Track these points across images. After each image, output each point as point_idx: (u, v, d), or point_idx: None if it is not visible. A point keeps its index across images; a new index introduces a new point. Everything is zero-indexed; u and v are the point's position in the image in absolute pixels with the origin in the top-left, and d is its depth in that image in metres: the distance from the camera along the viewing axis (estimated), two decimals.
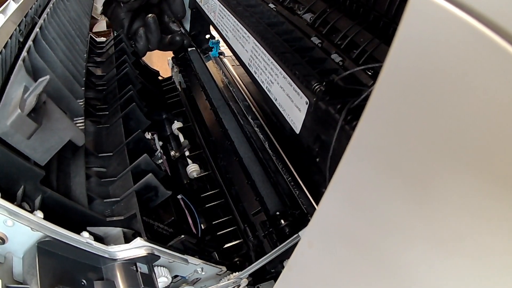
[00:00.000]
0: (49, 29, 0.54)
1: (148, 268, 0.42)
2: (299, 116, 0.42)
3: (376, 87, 0.20)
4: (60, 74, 0.49)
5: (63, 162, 0.47)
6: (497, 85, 0.16)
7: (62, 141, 0.38)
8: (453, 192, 0.19)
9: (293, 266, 0.34)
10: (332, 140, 0.35)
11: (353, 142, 0.23)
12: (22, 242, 0.35)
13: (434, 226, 0.21)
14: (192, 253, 0.50)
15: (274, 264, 0.53)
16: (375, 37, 0.42)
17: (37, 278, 0.32)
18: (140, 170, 0.53)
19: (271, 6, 0.56)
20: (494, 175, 0.17)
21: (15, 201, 0.35)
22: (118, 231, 0.45)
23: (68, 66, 0.53)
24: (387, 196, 0.23)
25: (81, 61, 0.62)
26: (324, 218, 0.28)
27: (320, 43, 0.46)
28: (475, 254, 0.20)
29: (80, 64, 0.61)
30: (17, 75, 0.35)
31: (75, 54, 0.61)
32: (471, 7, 0.15)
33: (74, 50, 0.62)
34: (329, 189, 0.26)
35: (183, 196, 0.60)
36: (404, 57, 0.18)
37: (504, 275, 0.19)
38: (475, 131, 0.17)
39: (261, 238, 0.59)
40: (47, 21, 0.55)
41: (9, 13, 0.45)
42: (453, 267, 0.21)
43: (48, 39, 0.51)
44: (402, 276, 0.25)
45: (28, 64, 0.39)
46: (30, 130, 0.32)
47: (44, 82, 0.32)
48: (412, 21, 0.17)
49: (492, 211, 0.18)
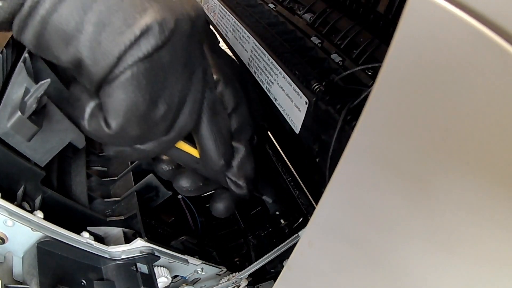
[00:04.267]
0: None
1: (148, 268, 0.42)
2: (299, 116, 0.42)
3: (375, 86, 0.20)
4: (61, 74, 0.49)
5: (64, 161, 0.47)
6: (496, 85, 0.16)
7: (62, 142, 0.38)
8: (452, 191, 0.19)
9: (293, 265, 0.34)
10: (332, 140, 0.35)
11: (352, 141, 0.23)
12: (22, 242, 0.35)
13: (433, 225, 0.21)
14: (192, 253, 0.50)
15: (274, 264, 0.53)
16: (375, 37, 0.42)
17: (37, 278, 0.32)
18: (141, 170, 0.53)
19: (271, 6, 0.56)
20: (494, 174, 0.17)
21: (15, 201, 0.35)
22: (119, 231, 0.45)
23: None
24: (387, 195, 0.23)
25: None
26: (324, 217, 0.28)
27: (320, 43, 0.46)
28: (474, 253, 0.20)
29: None
30: (18, 76, 0.35)
31: None
32: (471, 7, 0.15)
33: None
34: (329, 189, 0.26)
35: (183, 196, 0.60)
36: (403, 57, 0.18)
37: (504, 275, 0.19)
38: (474, 131, 0.17)
39: (261, 238, 0.59)
40: None
41: None
42: (453, 267, 0.21)
43: None
44: (402, 275, 0.25)
45: (29, 65, 0.39)
46: (31, 132, 0.32)
47: (46, 84, 0.32)
48: (411, 20, 0.17)
49: (492, 210, 0.18)
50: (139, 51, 0.28)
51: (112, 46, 0.27)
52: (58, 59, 0.30)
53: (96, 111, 0.32)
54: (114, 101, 0.30)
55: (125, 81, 0.28)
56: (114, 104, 0.30)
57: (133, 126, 0.31)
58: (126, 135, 0.32)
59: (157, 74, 0.30)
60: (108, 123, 0.31)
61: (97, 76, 0.29)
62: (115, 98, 0.29)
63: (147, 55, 0.28)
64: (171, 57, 0.30)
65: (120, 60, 0.28)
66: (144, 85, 0.29)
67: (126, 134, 0.32)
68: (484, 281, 0.20)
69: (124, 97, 0.29)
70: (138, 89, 0.29)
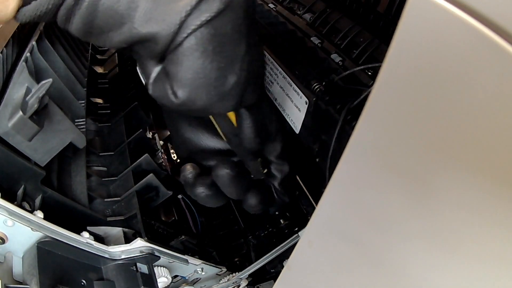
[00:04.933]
0: (52, 28, 0.54)
1: (148, 268, 0.42)
2: (299, 116, 0.42)
3: (375, 86, 0.20)
4: (62, 74, 0.49)
5: (64, 161, 0.47)
6: (496, 85, 0.16)
7: (63, 142, 0.39)
8: (452, 191, 0.19)
9: (293, 265, 0.34)
10: (332, 140, 0.35)
11: (352, 141, 0.23)
12: (22, 242, 0.35)
13: (433, 225, 0.21)
14: (192, 253, 0.50)
15: (274, 264, 0.53)
16: (375, 37, 0.42)
17: (37, 278, 0.32)
18: (141, 170, 0.53)
19: (270, 6, 0.56)
20: (494, 174, 0.17)
21: (15, 201, 0.35)
22: (119, 231, 0.45)
23: (70, 65, 0.53)
24: (387, 195, 0.23)
25: (84, 60, 0.62)
26: (324, 217, 0.28)
27: (320, 43, 0.46)
28: (475, 252, 0.20)
29: (83, 63, 0.61)
30: (19, 76, 0.35)
31: (78, 53, 0.61)
32: (471, 7, 0.15)
33: (77, 49, 0.62)
34: (329, 189, 0.26)
35: (184, 196, 0.60)
36: (403, 57, 0.18)
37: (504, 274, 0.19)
38: (474, 131, 0.17)
39: (261, 238, 0.60)
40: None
41: None
42: (453, 266, 0.21)
43: (51, 38, 0.51)
44: (402, 274, 0.25)
45: (30, 64, 0.39)
46: (32, 132, 0.32)
47: (47, 85, 0.32)
48: (411, 20, 0.17)
49: (492, 210, 0.18)
50: (201, 15, 0.27)
51: (172, 14, 0.26)
52: (111, 41, 0.29)
53: (163, 76, 0.31)
54: (180, 69, 0.28)
55: (190, 47, 0.27)
56: (181, 72, 0.28)
57: (201, 96, 0.30)
58: (193, 105, 0.30)
59: (222, 41, 0.28)
60: (175, 92, 0.30)
61: (159, 47, 0.28)
62: (180, 65, 0.28)
63: (209, 18, 0.27)
64: (233, 24, 0.28)
65: (182, 26, 0.27)
66: (210, 51, 0.28)
67: (193, 105, 0.30)
68: (484, 280, 0.20)
69: (190, 64, 0.28)
70: (205, 55, 0.28)
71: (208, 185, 0.42)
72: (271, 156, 0.44)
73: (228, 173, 0.41)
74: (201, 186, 0.42)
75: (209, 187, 0.42)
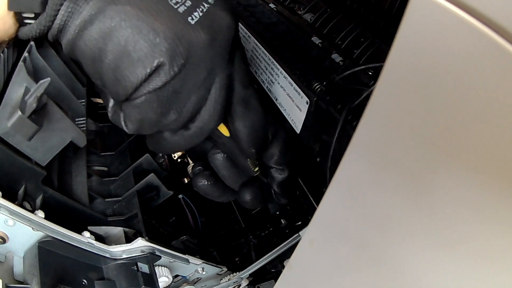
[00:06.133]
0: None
1: (149, 268, 0.42)
2: (300, 116, 0.42)
3: (377, 87, 0.20)
4: (61, 72, 0.49)
5: (64, 161, 0.47)
6: (497, 85, 0.16)
7: (63, 141, 0.38)
8: (453, 191, 0.19)
9: (294, 265, 0.34)
10: (332, 139, 0.35)
11: (354, 141, 0.23)
12: (23, 241, 0.35)
13: (435, 224, 0.21)
14: (193, 253, 0.50)
15: (275, 264, 0.53)
16: (376, 37, 0.42)
17: (37, 278, 0.32)
18: (141, 170, 0.53)
19: (271, 6, 0.56)
20: (494, 173, 0.17)
21: (16, 201, 0.35)
22: (119, 230, 0.45)
23: (70, 64, 0.53)
24: (388, 195, 0.23)
25: None
26: (325, 217, 0.29)
27: (320, 43, 0.46)
28: (475, 251, 0.20)
29: None
30: (18, 76, 0.35)
31: None
32: (472, 7, 0.15)
33: None
34: (330, 189, 0.26)
35: (184, 196, 0.60)
36: (404, 57, 0.18)
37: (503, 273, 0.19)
38: (475, 131, 0.17)
39: (262, 238, 0.60)
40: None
41: None
42: (453, 265, 0.21)
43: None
44: (403, 273, 0.25)
45: (29, 64, 0.39)
46: (31, 132, 0.32)
47: (45, 84, 0.32)
48: (413, 20, 0.17)
49: (491, 209, 0.18)
50: (151, 84, 0.32)
51: (129, 77, 0.32)
52: (89, 74, 0.35)
53: (118, 109, 0.37)
54: (130, 114, 0.35)
55: (139, 103, 0.33)
56: (130, 116, 0.35)
57: (146, 129, 0.37)
58: (142, 133, 0.38)
59: (169, 97, 0.33)
60: (126, 124, 0.37)
61: (116, 98, 0.35)
62: (131, 113, 0.35)
63: (158, 87, 0.32)
64: (183, 82, 0.33)
65: (136, 90, 0.32)
66: (156, 107, 0.34)
67: (141, 132, 0.38)
68: (484, 278, 0.20)
69: (138, 113, 0.35)
70: (151, 109, 0.34)
71: (207, 175, 0.47)
72: (269, 162, 0.45)
73: (222, 156, 0.45)
74: (201, 177, 0.47)
75: (208, 177, 0.47)
